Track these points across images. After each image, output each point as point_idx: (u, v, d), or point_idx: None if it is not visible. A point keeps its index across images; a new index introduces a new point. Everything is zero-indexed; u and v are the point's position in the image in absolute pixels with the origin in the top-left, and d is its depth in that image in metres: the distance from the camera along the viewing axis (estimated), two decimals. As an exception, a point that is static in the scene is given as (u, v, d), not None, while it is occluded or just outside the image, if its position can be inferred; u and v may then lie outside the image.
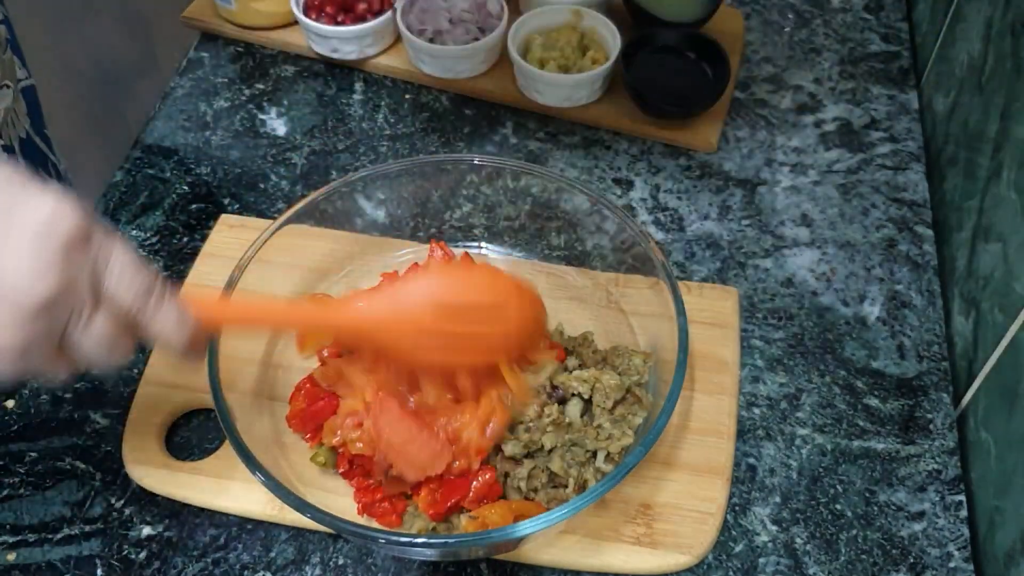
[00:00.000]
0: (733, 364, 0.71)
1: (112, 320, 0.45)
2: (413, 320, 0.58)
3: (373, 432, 0.60)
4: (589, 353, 0.68)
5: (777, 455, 0.69)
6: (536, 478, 0.62)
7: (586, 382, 0.63)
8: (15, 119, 0.74)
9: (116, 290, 0.45)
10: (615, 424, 0.62)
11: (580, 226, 0.73)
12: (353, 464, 0.63)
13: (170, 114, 0.92)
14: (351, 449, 0.61)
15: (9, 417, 0.70)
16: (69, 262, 0.42)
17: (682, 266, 0.80)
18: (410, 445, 0.59)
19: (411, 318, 0.58)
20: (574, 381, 0.63)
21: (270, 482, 0.55)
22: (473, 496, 0.60)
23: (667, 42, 0.91)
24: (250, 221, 0.80)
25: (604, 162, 0.88)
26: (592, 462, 0.62)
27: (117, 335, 0.46)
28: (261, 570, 0.63)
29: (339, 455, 0.63)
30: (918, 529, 0.65)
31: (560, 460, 0.61)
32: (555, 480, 0.62)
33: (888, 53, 0.98)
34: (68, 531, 0.65)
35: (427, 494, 0.60)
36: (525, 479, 0.61)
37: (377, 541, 0.57)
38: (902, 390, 0.72)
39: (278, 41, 0.97)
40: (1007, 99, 0.72)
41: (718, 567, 0.64)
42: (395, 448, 0.59)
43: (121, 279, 0.45)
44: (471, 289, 0.61)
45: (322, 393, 0.64)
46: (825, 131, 0.91)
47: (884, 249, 0.81)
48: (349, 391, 0.63)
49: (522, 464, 0.62)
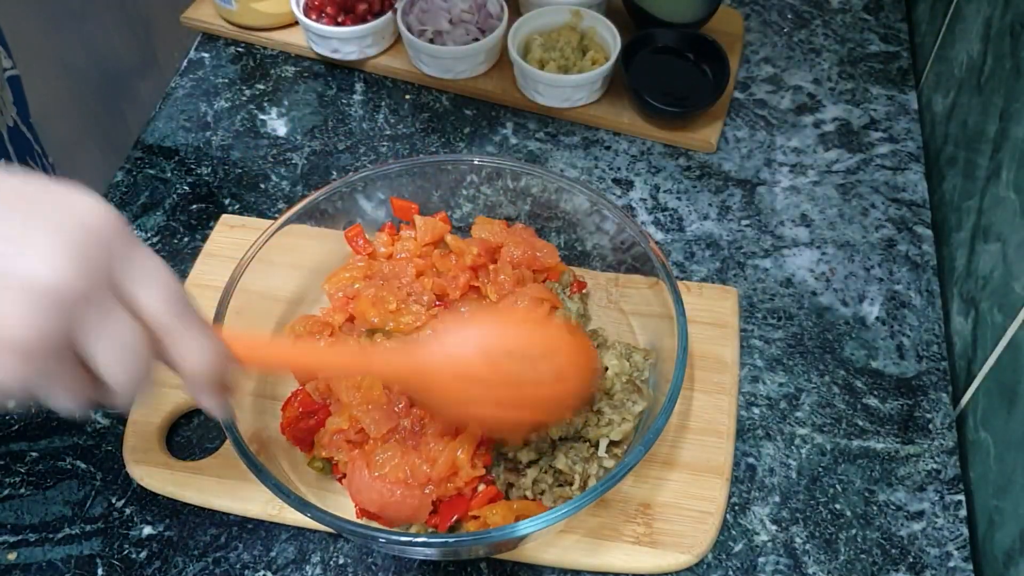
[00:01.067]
0: (733, 364, 0.71)
1: (134, 329, 0.41)
2: (465, 370, 0.53)
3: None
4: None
5: (776, 455, 0.69)
6: (542, 481, 0.62)
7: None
8: (3, 107, 0.74)
9: (143, 298, 0.41)
10: (615, 410, 0.62)
11: (580, 226, 0.73)
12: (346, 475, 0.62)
13: (171, 114, 0.92)
14: (341, 468, 0.62)
15: (10, 417, 0.70)
16: (96, 253, 0.39)
17: (682, 266, 0.80)
18: (387, 508, 0.58)
19: (463, 367, 0.53)
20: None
21: (270, 482, 0.55)
22: (473, 508, 0.60)
23: (667, 42, 0.91)
24: (250, 221, 0.80)
25: (604, 162, 0.88)
26: (595, 458, 0.62)
27: (138, 348, 0.41)
28: (262, 569, 0.63)
29: (333, 465, 0.63)
30: (917, 529, 0.65)
31: (565, 457, 0.61)
32: (560, 478, 0.62)
33: (887, 53, 0.98)
34: (69, 531, 0.65)
35: (428, 518, 0.60)
36: (530, 487, 0.61)
37: (377, 540, 0.57)
38: (901, 390, 0.72)
39: (278, 42, 0.97)
40: (1006, 99, 0.72)
41: (718, 566, 0.64)
42: (374, 507, 0.59)
43: (148, 288, 0.41)
44: (533, 340, 0.55)
45: (315, 404, 0.63)
46: (824, 131, 0.91)
47: (883, 249, 0.81)
48: (337, 407, 0.61)
49: (525, 475, 0.62)
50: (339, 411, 0.61)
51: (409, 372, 0.54)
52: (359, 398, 0.60)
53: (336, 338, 0.65)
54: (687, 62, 0.91)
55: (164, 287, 0.42)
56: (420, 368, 0.53)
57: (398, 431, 0.60)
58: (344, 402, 0.61)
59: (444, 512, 0.59)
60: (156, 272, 0.42)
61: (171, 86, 0.95)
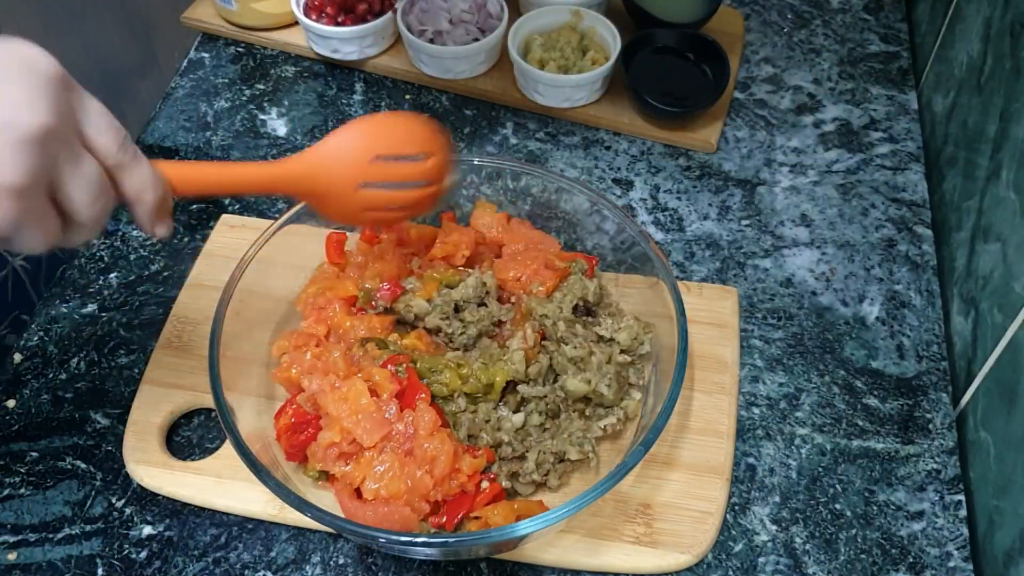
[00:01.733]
0: (733, 364, 0.71)
1: (97, 166, 0.45)
2: (348, 162, 0.59)
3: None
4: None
5: (776, 455, 0.69)
6: (545, 463, 0.62)
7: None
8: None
9: (96, 137, 0.45)
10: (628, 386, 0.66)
11: (580, 226, 0.73)
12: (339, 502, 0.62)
13: (171, 114, 0.92)
14: (336, 479, 0.61)
15: (10, 417, 0.70)
16: (57, 96, 0.43)
17: (682, 266, 0.80)
18: (383, 523, 0.58)
19: (346, 160, 0.59)
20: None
21: (270, 482, 0.55)
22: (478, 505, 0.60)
23: (667, 42, 0.91)
24: (250, 221, 0.80)
25: (604, 162, 0.88)
26: (596, 423, 0.64)
27: (103, 182, 0.46)
28: (262, 569, 0.63)
29: (329, 476, 0.62)
30: (917, 529, 0.65)
31: (567, 436, 0.63)
32: (561, 455, 0.63)
33: (887, 53, 0.98)
34: (69, 531, 0.65)
35: (432, 519, 0.60)
36: (534, 470, 0.61)
37: (377, 540, 0.57)
38: (901, 390, 0.72)
39: (279, 42, 0.97)
40: (1006, 99, 0.72)
41: (718, 566, 0.64)
42: (371, 521, 0.59)
43: (99, 128, 0.46)
44: (400, 134, 0.61)
45: (307, 415, 0.63)
46: (824, 131, 0.91)
47: (883, 249, 0.81)
48: (327, 420, 0.61)
49: (526, 459, 0.62)
50: (329, 424, 0.61)
51: (303, 173, 0.58)
52: (347, 410, 0.60)
53: (323, 348, 0.65)
54: (687, 62, 0.91)
55: (112, 127, 0.46)
56: (314, 167, 0.58)
57: (391, 437, 0.60)
58: (333, 415, 0.60)
59: (450, 511, 0.59)
60: (103, 114, 0.46)
61: (171, 86, 0.95)
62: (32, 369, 0.73)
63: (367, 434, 0.59)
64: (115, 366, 0.73)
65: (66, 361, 0.73)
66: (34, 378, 0.72)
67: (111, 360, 0.73)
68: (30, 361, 0.73)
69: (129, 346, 0.74)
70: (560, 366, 0.65)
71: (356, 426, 0.60)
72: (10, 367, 0.73)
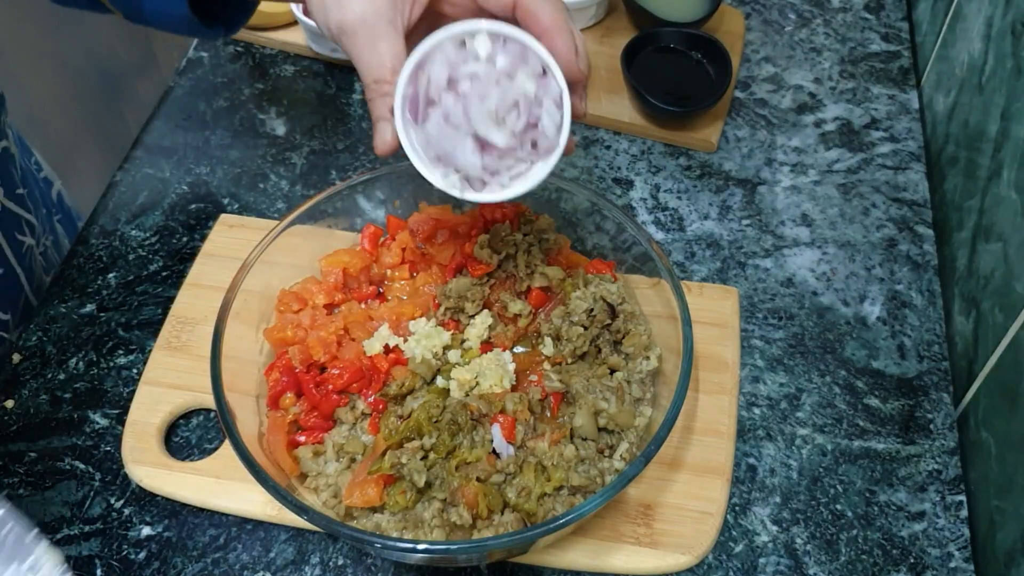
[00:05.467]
0: (733, 364, 0.71)
1: None
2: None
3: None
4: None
5: (777, 455, 0.69)
6: (572, 457, 0.60)
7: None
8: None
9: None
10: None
11: (580, 226, 0.73)
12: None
13: (170, 114, 0.92)
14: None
15: (9, 417, 0.70)
16: None
17: (682, 266, 0.80)
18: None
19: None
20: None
21: (268, 484, 0.55)
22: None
23: (668, 42, 0.91)
24: (250, 221, 0.80)
25: (604, 161, 0.88)
26: (613, 461, 0.62)
27: None
28: (260, 570, 0.63)
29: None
30: (918, 529, 0.65)
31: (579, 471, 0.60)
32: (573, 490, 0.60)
33: (888, 53, 0.98)
34: (67, 531, 0.65)
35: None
36: (576, 459, 0.60)
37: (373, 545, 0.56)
38: (902, 390, 0.72)
39: (278, 41, 0.97)
40: (1007, 99, 0.72)
41: (718, 567, 0.64)
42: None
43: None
44: None
45: (294, 370, 0.64)
46: (825, 131, 0.90)
47: (884, 249, 0.81)
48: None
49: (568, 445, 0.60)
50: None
51: None
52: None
53: (315, 312, 0.67)
54: (688, 61, 0.91)
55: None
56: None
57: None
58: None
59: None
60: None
61: (170, 85, 0.95)
62: (31, 369, 0.73)
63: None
64: (114, 366, 0.73)
65: (65, 361, 0.73)
66: (32, 378, 0.72)
67: (110, 360, 0.73)
68: (28, 361, 0.73)
69: (128, 346, 0.74)
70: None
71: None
72: (8, 367, 0.73)
